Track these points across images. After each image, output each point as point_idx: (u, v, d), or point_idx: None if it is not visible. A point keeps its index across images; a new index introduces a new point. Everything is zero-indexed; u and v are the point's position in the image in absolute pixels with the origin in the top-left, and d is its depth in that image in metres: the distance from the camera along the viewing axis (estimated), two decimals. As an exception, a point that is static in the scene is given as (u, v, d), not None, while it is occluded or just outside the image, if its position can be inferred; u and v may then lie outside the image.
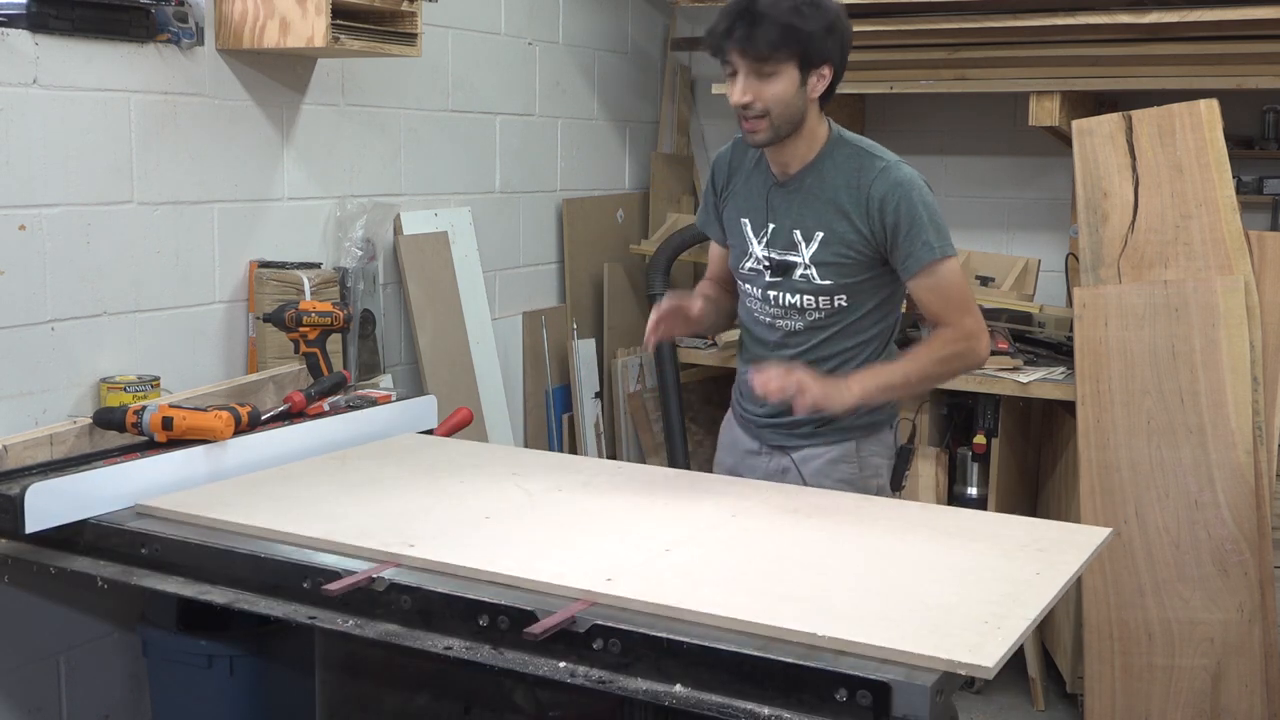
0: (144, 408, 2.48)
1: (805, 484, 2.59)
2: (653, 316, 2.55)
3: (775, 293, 2.57)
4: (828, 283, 2.52)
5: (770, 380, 2.36)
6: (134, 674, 2.99)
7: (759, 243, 2.57)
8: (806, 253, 2.52)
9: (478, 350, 3.89)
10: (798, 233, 2.52)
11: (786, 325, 2.58)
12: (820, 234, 2.51)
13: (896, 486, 2.69)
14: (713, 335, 2.79)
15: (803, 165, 2.53)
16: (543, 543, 2.09)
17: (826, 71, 2.44)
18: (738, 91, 2.40)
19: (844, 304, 2.54)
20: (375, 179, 3.56)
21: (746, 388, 2.64)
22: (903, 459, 2.69)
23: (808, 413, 2.41)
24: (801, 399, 2.36)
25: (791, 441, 2.63)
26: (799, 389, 2.35)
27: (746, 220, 2.60)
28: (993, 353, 3.83)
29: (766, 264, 2.56)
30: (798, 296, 2.54)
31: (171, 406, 2.50)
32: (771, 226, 2.56)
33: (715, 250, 2.79)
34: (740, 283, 2.66)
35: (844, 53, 2.49)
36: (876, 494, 2.61)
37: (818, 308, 2.54)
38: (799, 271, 2.53)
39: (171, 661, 2.77)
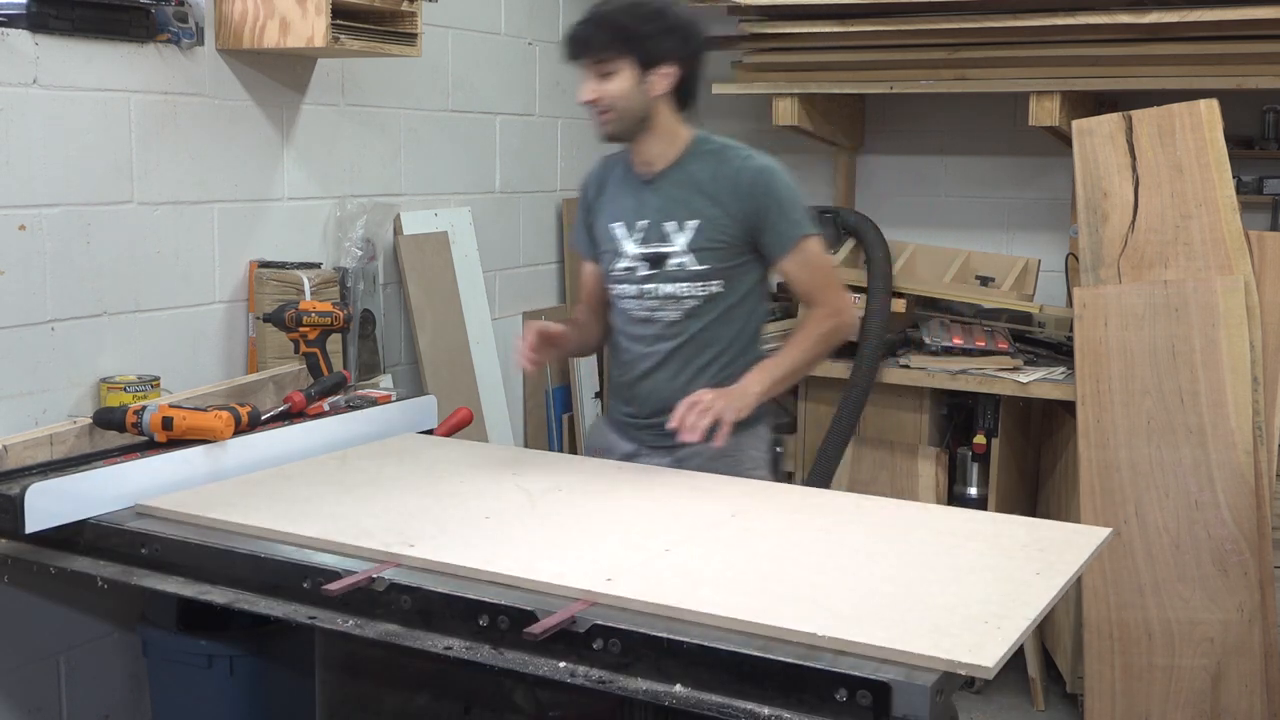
0: (144, 408, 2.48)
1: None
2: (525, 342, 2.64)
3: (652, 285, 2.66)
4: (704, 268, 2.62)
5: (685, 421, 2.44)
6: (134, 674, 2.99)
7: (631, 241, 2.67)
8: (681, 240, 2.62)
9: (478, 350, 3.89)
10: (670, 224, 2.63)
11: (665, 316, 2.66)
12: (693, 222, 2.62)
13: (777, 476, 2.83)
14: (579, 356, 3.02)
15: (667, 163, 2.65)
16: (543, 543, 2.09)
17: (668, 70, 2.58)
18: (583, 88, 2.62)
19: (719, 290, 2.63)
20: (375, 179, 3.56)
21: (627, 392, 2.76)
22: (778, 456, 2.88)
23: (729, 428, 2.47)
24: (714, 417, 2.44)
25: (671, 441, 2.62)
26: (707, 411, 2.43)
27: (617, 224, 2.70)
28: (993, 353, 3.85)
29: (641, 259, 2.66)
30: (674, 285, 2.64)
31: (171, 406, 2.50)
32: (643, 223, 2.66)
33: (588, 271, 2.86)
34: (614, 287, 2.73)
35: (689, 55, 2.62)
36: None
37: (694, 295, 2.64)
38: (673, 260, 2.63)
39: (171, 661, 2.77)
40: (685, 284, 2.63)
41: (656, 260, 2.64)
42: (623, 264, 2.68)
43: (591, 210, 2.79)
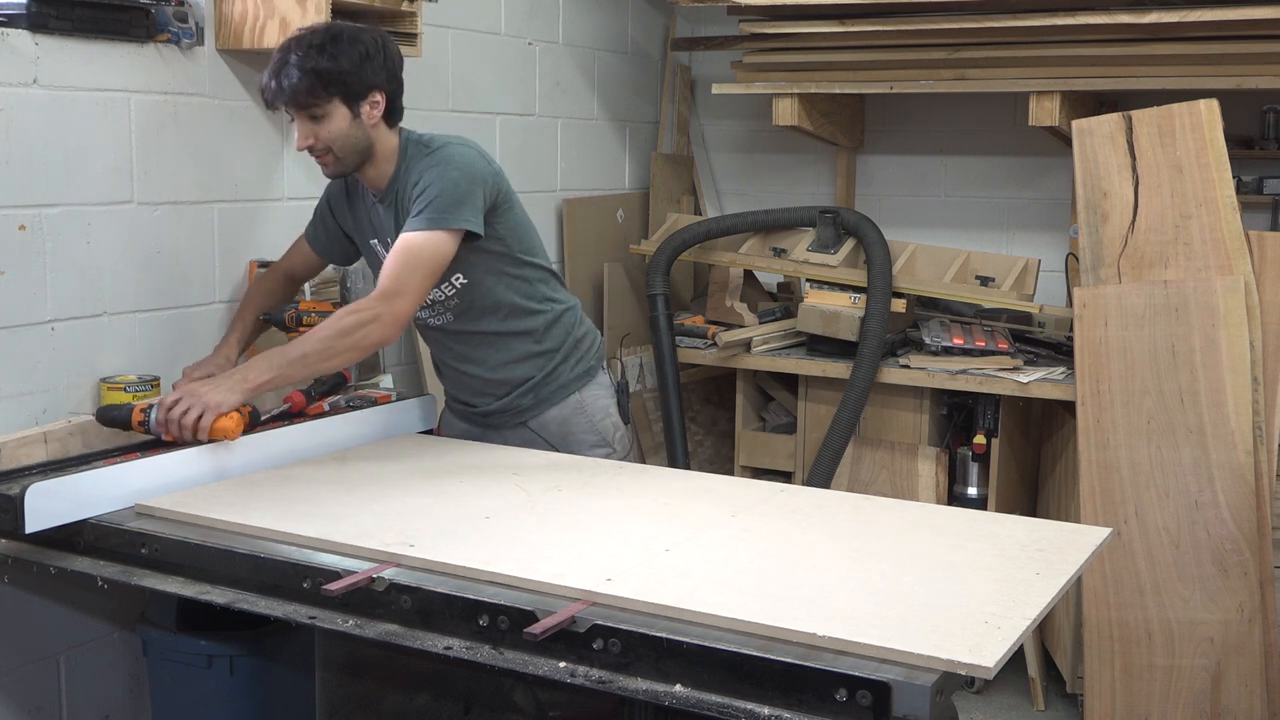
0: (151, 406, 2.47)
1: (551, 447, 2.81)
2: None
3: None
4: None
5: (167, 424, 2.43)
6: (134, 674, 2.99)
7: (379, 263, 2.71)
8: None
9: (478, 350, 3.89)
10: (389, 239, 2.67)
11: (440, 322, 2.78)
12: (399, 231, 2.63)
13: (626, 419, 2.94)
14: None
15: (387, 180, 2.69)
16: (543, 543, 2.09)
17: (378, 97, 2.58)
18: (298, 137, 2.59)
19: (463, 282, 2.70)
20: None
21: (460, 384, 2.88)
22: (623, 394, 2.95)
23: (210, 425, 2.43)
24: (199, 408, 2.41)
25: (522, 415, 2.85)
26: (189, 409, 2.41)
27: (375, 240, 2.77)
28: (993, 353, 3.85)
29: None
30: (431, 292, 2.67)
31: None
32: (390, 239, 2.68)
33: (303, 248, 2.91)
34: None
35: (390, 74, 2.61)
36: (614, 431, 2.89)
37: (447, 296, 2.72)
38: None
39: (171, 661, 2.77)
40: (437, 289, 2.68)
41: None
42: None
43: (345, 217, 2.83)
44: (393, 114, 2.64)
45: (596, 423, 2.88)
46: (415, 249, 2.54)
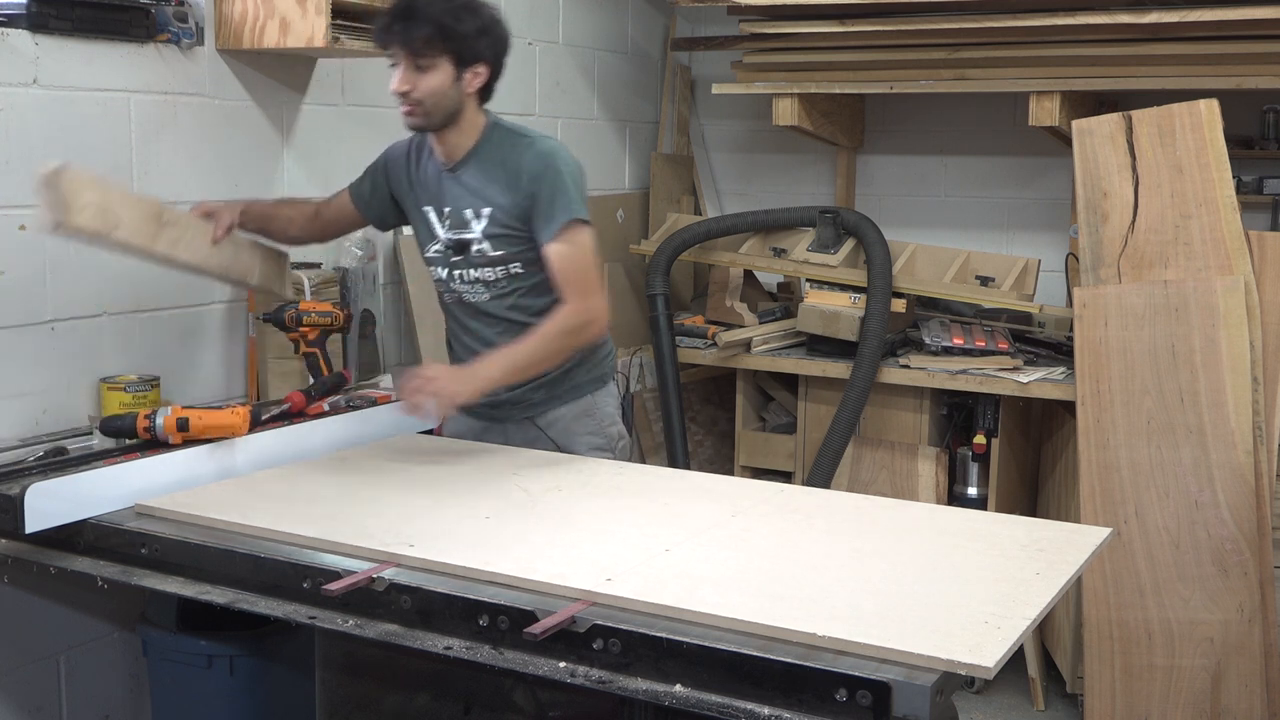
0: (154, 412, 2.47)
1: (555, 446, 2.82)
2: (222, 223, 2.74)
3: (460, 270, 2.76)
4: (500, 253, 2.72)
5: (406, 394, 2.51)
6: (134, 674, 2.99)
7: (441, 227, 2.76)
8: (478, 227, 2.72)
9: (478, 350, 3.88)
10: (468, 211, 2.72)
11: (475, 298, 2.77)
12: (488, 210, 2.70)
13: (630, 431, 2.96)
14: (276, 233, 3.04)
15: (464, 153, 2.73)
16: (543, 543, 2.09)
17: (482, 70, 2.65)
18: (396, 80, 2.61)
19: (519, 270, 2.73)
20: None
21: None
22: (628, 406, 2.99)
23: (447, 406, 2.56)
24: (433, 394, 2.50)
25: (532, 410, 2.84)
26: (430, 392, 2.50)
27: (430, 208, 2.79)
28: (993, 353, 3.85)
29: (449, 245, 2.75)
30: (479, 270, 2.74)
31: (184, 408, 2.50)
32: (447, 209, 2.75)
33: (342, 199, 2.93)
34: (430, 269, 2.84)
35: (498, 54, 2.70)
36: (618, 439, 2.91)
37: (497, 279, 2.74)
38: (475, 248, 2.73)
39: (171, 661, 2.77)
40: (487, 268, 2.73)
41: (461, 247, 2.75)
42: (435, 248, 2.78)
43: (396, 185, 2.85)
44: (486, 92, 2.71)
45: (604, 427, 2.89)
46: (575, 248, 2.67)
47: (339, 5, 2.91)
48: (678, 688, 1.71)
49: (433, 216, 2.78)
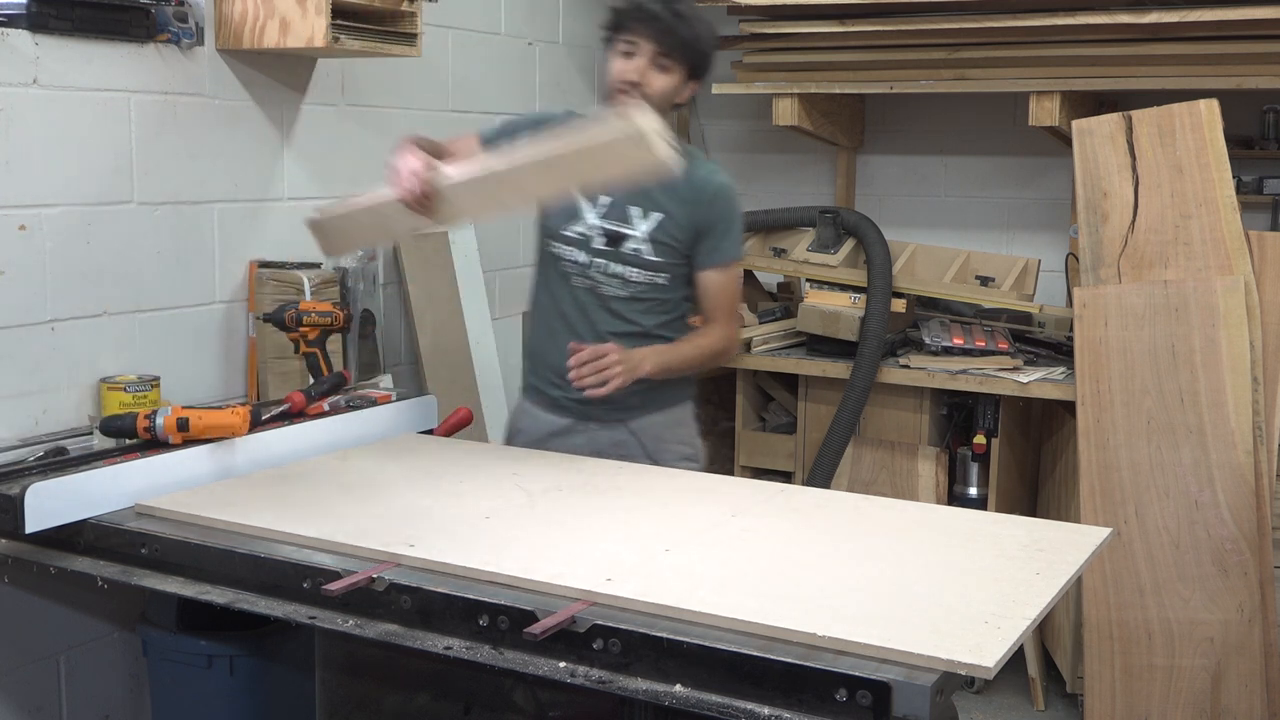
0: (154, 413, 2.47)
1: (644, 452, 2.80)
2: (404, 179, 2.54)
3: (604, 261, 2.73)
4: (657, 260, 2.72)
5: (583, 370, 2.56)
6: (134, 674, 2.99)
7: (592, 210, 2.73)
8: (643, 228, 2.70)
9: (478, 350, 3.89)
10: (635, 209, 2.70)
11: (609, 292, 2.74)
12: (657, 214, 2.70)
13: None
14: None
15: None
16: (543, 543, 2.09)
17: (693, 88, 2.71)
18: (632, 69, 2.61)
19: (663, 282, 2.74)
20: (375, 179, 3.54)
21: (558, 366, 2.74)
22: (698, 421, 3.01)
23: (620, 383, 2.59)
24: (614, 370, 2.55)
25: (626, 414, 2.79)
26: (608, 370, 2.55)
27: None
28: (993, 353, 3.85)
29: (599, 232, 2.72)
30: (625, 268, 2.72)
31: (184, 408, 2.50)
32: (608, 200, 2.71)
33: (471, 141, 2.81)
34: (555, 245, 2.78)
35: (706, 77, 2.75)
36: (702, 447, 2.95)
37: (640, 281, 2.73)
38: (630, 245, 2.71)
39: (171, 661, 2.77)
40: (636, 269, 2.72)
41: (615, 239, 2.72)
42: (578, 228, 2.74)
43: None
44: (678, 107, 2.77)
45: (692, 438, 2.92)
46: (734, 281, 2.82)
47: (339, 5, 2.91)
48: (678, 688, 1.71)
49: (583, 200, 2.74)
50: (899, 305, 3.97)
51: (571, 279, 2.77)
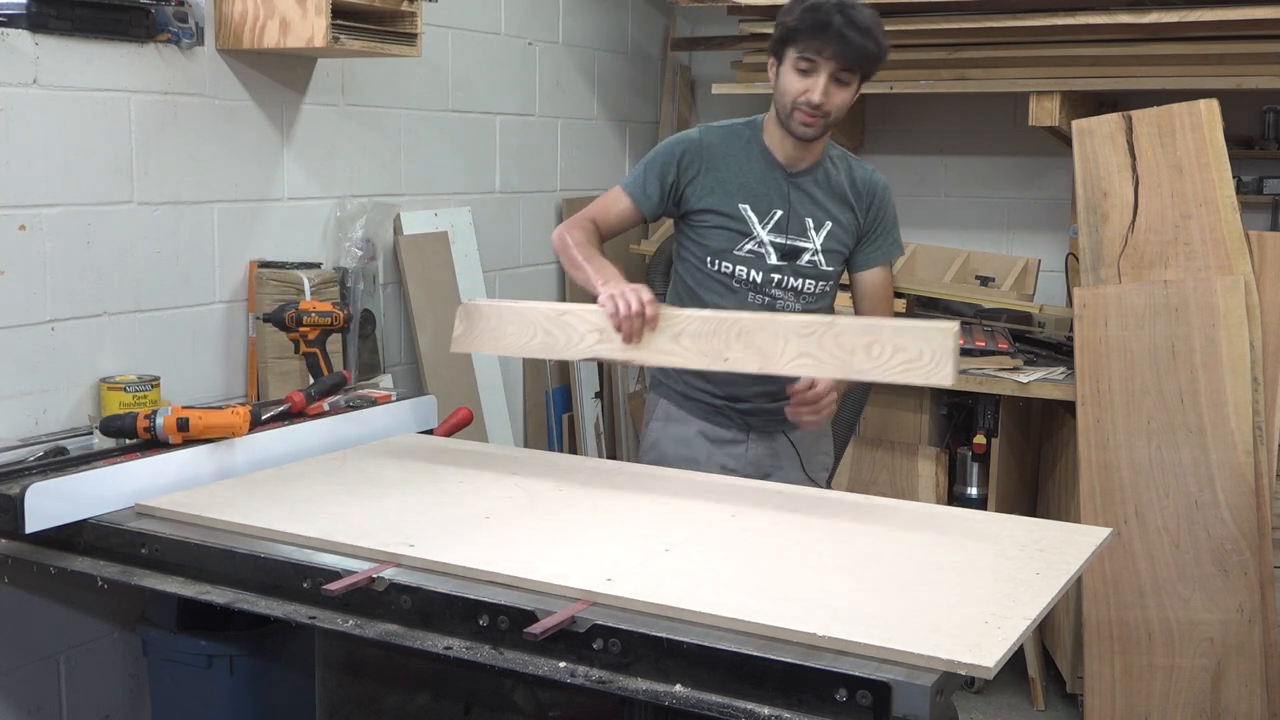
0: (154, 413, 2.47)
1: (799, 462, 2.81)
2: (638, 307, 2.38)
3: (779, 275, 2.70)
4: (830, 269, 2.73)
5: (803, 410, 2.50)
6: (134, 674, 2.99)
7: (763, 227, 2.69)
8: (817, 239, 2.70)
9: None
10: (810, 220, 2.70)
11: (783, 306, 2.71)
12: (829, 224, 2.71)
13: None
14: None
15: (813, 161, 2.71)
16: (543, 543, 2.09)
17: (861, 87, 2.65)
18: (817, 91, 2.54)
19: (830, 289, 2.78)
20: (375, 179, 3.56)
21: (729, 377, 2.69)
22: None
23: (830, 414, 2.57)
24: (832, 407, 2.54)
25: (786, 426, 2.73)
26: (823, 408, 2.51)
27: (747, 205, 2.69)
28: (993, 353, 3.85)
29: (774, 248, 2.69)
30: (801, 280, 2.71)
31: (184, 408, 2.50)
32: (779, 213, 2.69)
33: (624, 207, 2.76)
34: (725, 264, 2.71)
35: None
36: (833, 461, 2.98)
37: (815, 292, 2.74)
38: (807, 257, 2.70)
39: (171, 661, 2.77)
40: (813, 280, 2.72)
41: (791, 253, 2.70)
42: (750, 246, 2.70)
43: (694, 177, 2.71)
44: None
45: (831, 447, 2.94)
46: (888, 284, 2.81)
47: (339, 5, 2.91)
48: (678, 688, 1.71)
49: (751, 214, 2.69)
50: (899, 305, 3.97)
51: (746, 297, 2.71)
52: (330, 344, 2.95)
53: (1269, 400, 3.35)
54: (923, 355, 2.14)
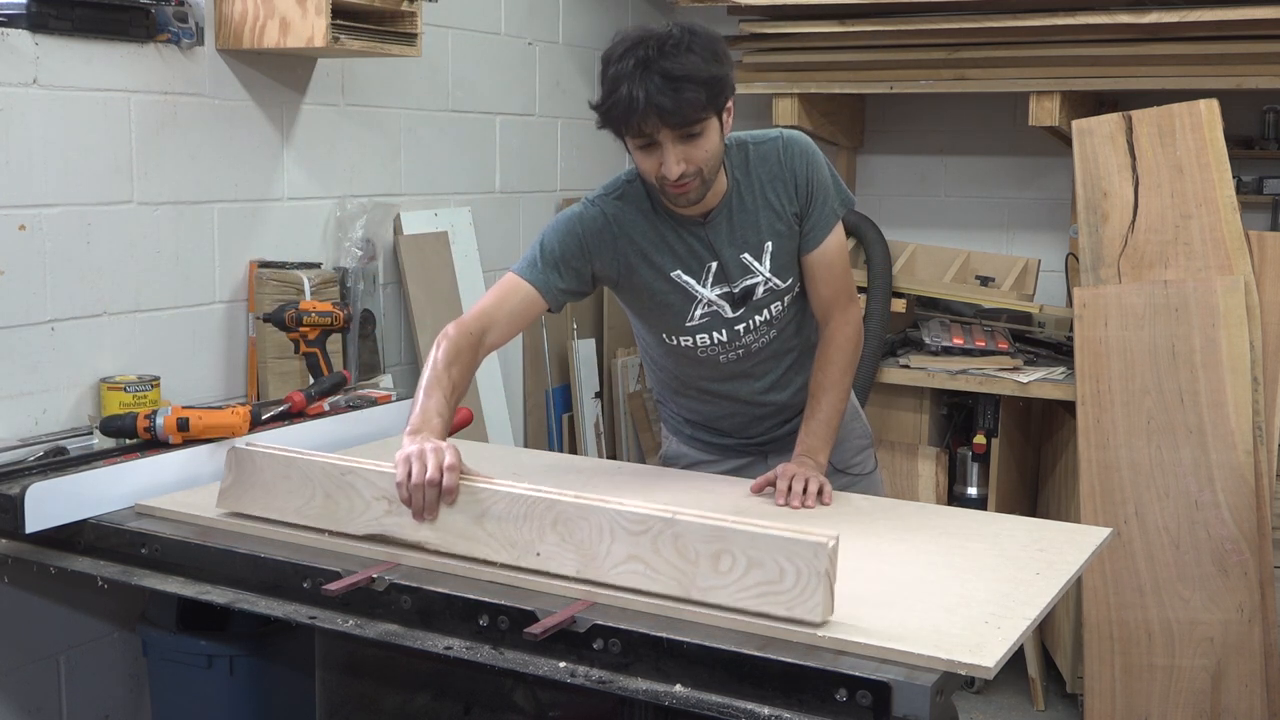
0: (154, 413, 2.47)
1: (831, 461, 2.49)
2: (433, 474, 1.98)
3: (743, 324, 2.43)
4: (788, 281, 2.42)
5: (790, 499, 2.30)
6: (134, 674, 2.99)
7: (704, 286, 2.38)
8: (764, 267, 2.39)
9: (478, 350, 3.88)
10: (747, 255, 2.38)
11: (759, 344, 2.47)
12: (769, 243, 2.39)
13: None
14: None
15: (720, 194, 2.35)
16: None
17: (730, 104, 2.24)
18: (670, 165, 2.17)
19: (797, 289, 2.46)
20: (375, 179, 3.56)
21: (734, 417, 2.56)
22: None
23: (821, 484, 2.33)
24: (811, 490, 2.31)
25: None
26: (804, 486, 2.31)
27: (681, 272, 2.38)
28: (993, 353, 3.85)
29: (724, 300, 2.40)
30: (765, 311, 2.43)
31: (184, 408, 2.50)
32: (713, 265, 2.37)
33: (522, 297, 2.34)
34: (684, 339, 2.44)
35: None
36: (871, 455, 2.70)
37: (784, 308, 2.45)
38: (761, 289, 2.41)
39: (171, 661, 2.77)
40: (776, 302, 2.43)
41: (745, 295, 2.40)
42: (701, 311, 2.40)
43: (605, 262, 2.38)
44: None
45: (865, 426, 2.68)
46: (840, 248, 2.43)
47: (339, 5, 2.91)
48: (678, 688, 1.71)
49: (687, 280, 2.37)
50: (899, 305, 3.97)
51: (719, 360, 2.46)
52: (330, 344, 2.95)
53: (1269, 400, 3.35)
54: (784, 576, 1.71)
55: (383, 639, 1.91)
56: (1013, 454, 4.01)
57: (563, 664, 1.78)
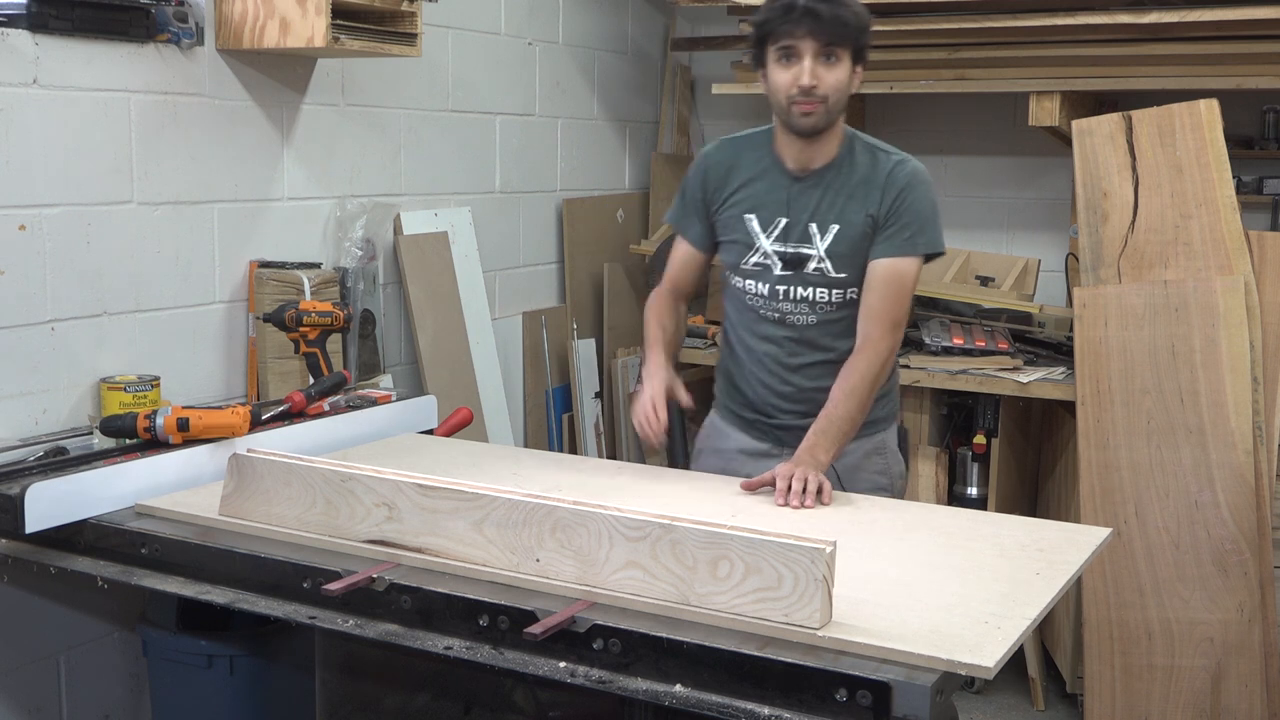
0: (155, 413, 2.48)
1: (837, 479, 2.52)
2: (649, 406, 2.50)
3: (785, 286, 2.57)
4: (842, 275, 2.55)
5: (790, 499, 2.33)
6: (134, 674, 2.99)
7: (767, 237, 2.57)
8: (821, 245, 2.54)
9: (478, 350, 3.89)
10: (813, 225, 2.55)
11: (798, 319, 2.59)
12: (836, 226, 2.54)
13: (906, 463, 2.77)
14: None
15: (826, 161, 2.56)
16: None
17: (861, 70, 2.51)
18: (806, 74, 2.43)
19: (854, 296, 2.56)
20: (375, 179, 3.56)
21: (755, 394, 2.67)
22: (904, 440, 2.78)
23: (820, 482, 2.37)
24: (809, 489, 2.33)
25: None
26: (802, 484, 2.33)
27: (752, 216, 2.59)
28: (993, 353, 3.85)
29: (778, 258, 2.57)
30: (811, 289, 2.56)
31: (184, 408, 2.50)
32: (784, 221, 2.56)
33: (684, 252, 2.73)
34: (738, 280, 2.64)
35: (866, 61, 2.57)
36: (899, 478, 2.71)
37: (829, 301, 2.57)
38: (813, 264, 2.55)
39: (171, 661, 2.77)
40: (823, 289, 2.56)
41: (795, 261, 2.56)
42: (755, 259, 2.59)
43: (716, 194, 2.64)
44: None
45: (890, 466, 2.69)
46: (908, 276, 2.54)
47: (339, 5, 2.91)
48: (678, 688, 1.71)
49: (755, 225, 2.58)
50: (899, 305, 3.96)
51: (760, 312, 2.62)
52: (330, 344, 2.95)
53: (1269, 400, 3.35)
54: (782, 582, 1.72)
55: (383, 639, 1.91)
56: (1013, 454, 4.01)
57: (563, 664, 1.78)
